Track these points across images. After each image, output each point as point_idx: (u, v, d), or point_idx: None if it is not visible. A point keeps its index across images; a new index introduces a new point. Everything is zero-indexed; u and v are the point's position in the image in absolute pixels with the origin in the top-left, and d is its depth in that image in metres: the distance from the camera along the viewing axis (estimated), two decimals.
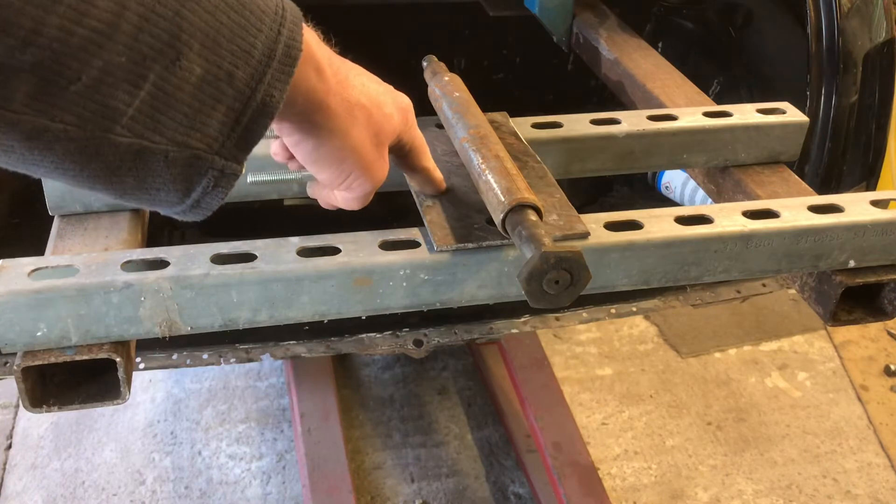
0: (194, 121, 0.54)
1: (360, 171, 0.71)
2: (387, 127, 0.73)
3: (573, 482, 1.84)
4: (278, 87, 0.57)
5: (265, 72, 0.56)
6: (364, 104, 0.70)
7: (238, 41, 0.55)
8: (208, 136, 0.55)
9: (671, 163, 1.13)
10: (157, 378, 2.27)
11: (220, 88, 0.54)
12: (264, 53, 0.56)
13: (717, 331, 2.53)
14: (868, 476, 2.09)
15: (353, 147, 0.69)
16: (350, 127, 0.68)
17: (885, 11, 1.40)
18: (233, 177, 0.58)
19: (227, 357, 1.25)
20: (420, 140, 0.81)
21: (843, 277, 0.93)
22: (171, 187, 0.56)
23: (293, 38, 0.58)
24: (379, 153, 0.73)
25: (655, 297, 1.39)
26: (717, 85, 1.75)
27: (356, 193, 0.74)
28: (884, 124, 1.43)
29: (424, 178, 0.86)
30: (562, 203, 0.88)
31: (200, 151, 0.56)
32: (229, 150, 0.57)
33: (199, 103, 0.54)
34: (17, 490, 1.95)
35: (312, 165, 0.71)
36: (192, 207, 0.59)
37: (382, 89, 0.74)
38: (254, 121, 0.57)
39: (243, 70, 0.55)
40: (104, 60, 0.49)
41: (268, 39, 0.56)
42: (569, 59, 2.04)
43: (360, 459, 2.04)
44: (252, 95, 0.56)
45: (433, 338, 1.30)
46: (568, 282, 0.71)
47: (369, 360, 2.32)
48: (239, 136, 0.57)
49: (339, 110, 0.67)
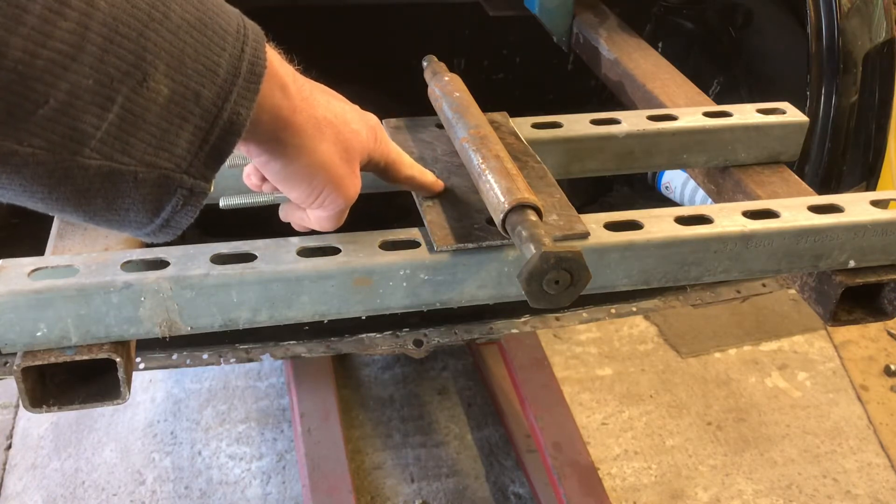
0: (163, 141, 0.54)
1: (331, 186, 0.70)
2: (355, 143, 0.72)
3: (573, 482, 1.84)
4: (244, 105, 0.58)
5: (231, 90, 0.56)
6: (331, 120, 0.69)
7: (203, 60, 0.55)
8: (177, 156, 0.56)
9: (671, 163, 1.13)
10: (157, 378, 2.27)
11: (187, 108, 0.55)
12: (229, 72, 0.56)
13: (717, 331, 2.53)
14: (868, 476, 2.09)
15: (323, 163, 0.69)
16: (318, 143, 0.68)
17: (885, 11, 1.40)
18: (202, 195, 0.58)
19: (227, 357, 1.25)
20: (395, 153, 0.81)
21: (843, 277, 0.93)
22: (140, 207, 0.56)
23: (257, 56, 0.58)
24: (350, 169, 0.72)
25: (655, 297, 1.39)
26: (717, 85, 1.75)
27: (329, 211, 0.73)
28: (884, 124, 1.43)
29: (415, 186, 0.86)
30: (562, 203, 0.88)
31: (169, 171, 0.56)
32: (198, 168, 0.57)
33: (168, 123, 0.54)
34: (17, 490, 1.95)
35: (283, 184, 0.70)
36: (162, 227, 0.59)
37: (348, 107, 0.74)
38: (221, 139, 0.57)
39: (209, 89, 0.55)
40: (71, 83, 0.49)
41: (231, 58, 0.56)
42: (569, 59, 2.04)
43: (360, 459, 2.04)
44: (219, 114, 0.56)
45: (433, 338, 1.30)
46: (568, 282, 0.71)
47: (369, 360, 2.32)
48: (207, 154, 0.57)
49: (306, 127, 0.66)
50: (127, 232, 0.59)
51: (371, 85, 2.01)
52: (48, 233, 0.92)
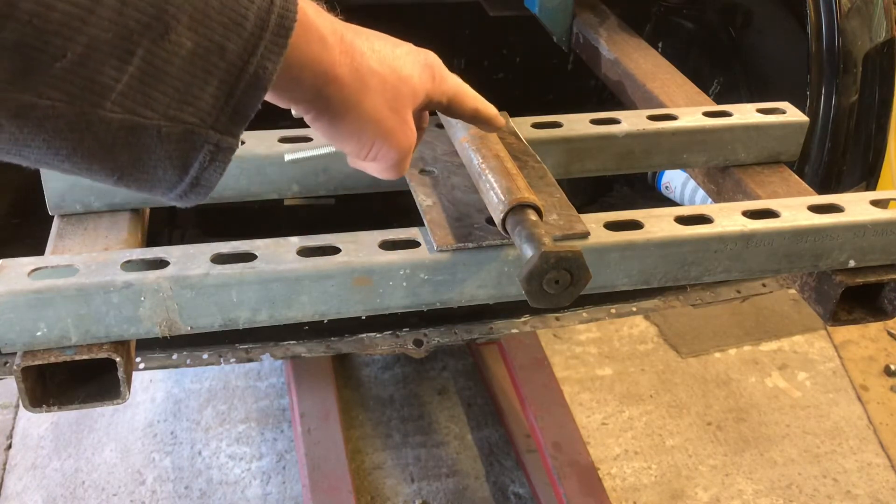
0: (186, 95, 0.54)
1: (381, 139, 0.69)
2: (405, 90, 0.70)
3: (573, 482, 1.84)
4: (272, 59, 0.56)
5: (258, 44, 0.55)
6: (376, 70, 0.67)
7: (228, 13, 0.53)
8: (201, 111, 0.55)
9: (671, 163, 1.13)
10: (157, 378, 2.27)
11: (211, 62, 0.54)
12: (256, 25, 0.55)
13: (717, 331, 2.53)
14: (868, 476, 2.09)
15: (370, 117, 0.67)
16: (363, 96, 0.66)
17: (885, 11, 1.40)
18: (229, 150, 0.57)
19: (227, 357, 1.25)
20: (458, 87, 0.78)
21: (843, 277, 0.93)
22: (167, 164, 0.56)
23: (287, 9, 0.56)
24: (400, 119, 0.70)
25: (655, 297, 1.39)
26: (717, 85, 1.75)
27: (384, 163, 0.71)
28: (884, 124, 1.43)
29: (479, 119, 0.82)
30: (562, 203, 0.88)
31: (194, 126, 0.55)
32: (223, 123, 0.56)
33: (191, 77, 0.53)
34: (17, 490, 1.95)
35: (333, 140, 0.70)
36: (192, 186, 0.58)
37: (400, 50, 0.71)
38: (247, 93, 0.56)
39: (235, 43, 0.54)
40: (89, 36, 0.48)
41: (260, 10, 0.55)
42: (569, 59, 2.04)
43: (360, 459, 2.04)
44: (244, 68, 0.55)
45: (433, 338, 1.30)
46: (568, 282, 0.71)
47: (369, 360, 2.32)
48: (233, 109, 0.56)
49: (350, 80, 0.65)
50: (158, 194, 0.58)
51: None
52: (48, 233, 0.92)
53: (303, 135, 1.00)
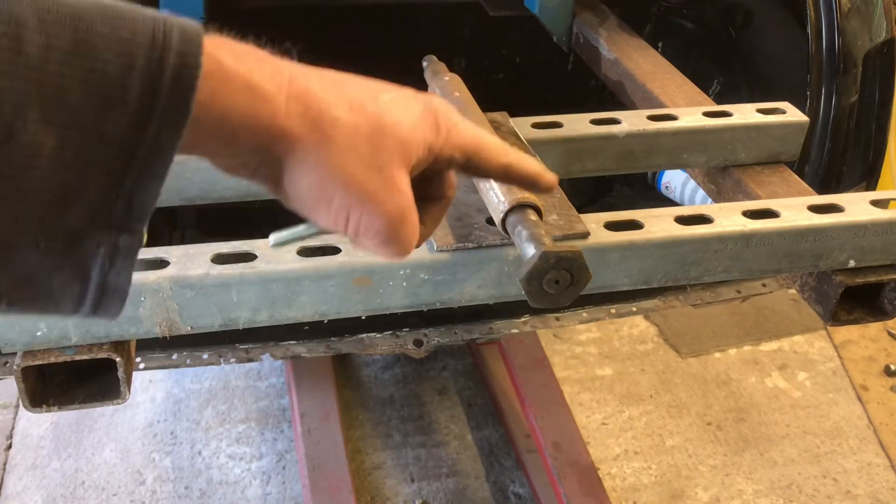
0: (63, 198, 0.44)
1: (357, 206, 0.54)
2: (389, 142, 0.55)
3: (573, 482, 1.84)
4: (170, 132, 0.46)
5: (149, 116, 0.45)
6: (343, 119, 0.54)
7: (99, 90, 0.44)
8: (87, 211, 0.45)
9: (671, 163, 1.13)
10: (157, 378, 2.27)
11: (88, 151, 0.44)
12: (144, 93, 0.44)
13: (717, 331, 2.53)
14: (868, 476, 2.09)
15: (337, 177, 0.53)
16: (326, 153, 0.53)
17: (886, 11, 1.40)
18: (131, 249, 0.48)
19: (227, 357, 1.25)
20: (477, 139, 0.62)
21: (843, 277, 0.93)
22: (59, 278, 0.47)
23: (184, 64, 0.45)
24: (384, 179, 0.55)
25: (655, 297, 1.39)
26: (718, 85, 1.75)
27: (371, 238, 0.56)
28: (884, 124, 1.43)
29: (517, 178, 0.65)
30: (562, 203, 0.88)
31: (82, 230, 0.46)
32: (118, 219, 0.47)
33: (65, 176, 0.44)
34: (17, 490, 1.95)
35: (300, 211, 0.57)
36: (101, 294, 0.48)
37: (386, 97, 0.57)
38: (142, 179, 0.46)
39: (116, 122, 0.44)
40: None
41: (146, 74, 0.44)
42: (569, 59, 2.04)
43: (360, 459, 2.04)
44: (134, 150, 0.45)
45: (433, 338, 1.30)
46: (568, 282, 0.71)
47: (369, 360, 2.32)
48: (127, 201, 0.46)
49: (303, 133, 0.52)
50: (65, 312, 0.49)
51: None
52: None
53: None
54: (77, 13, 0.43)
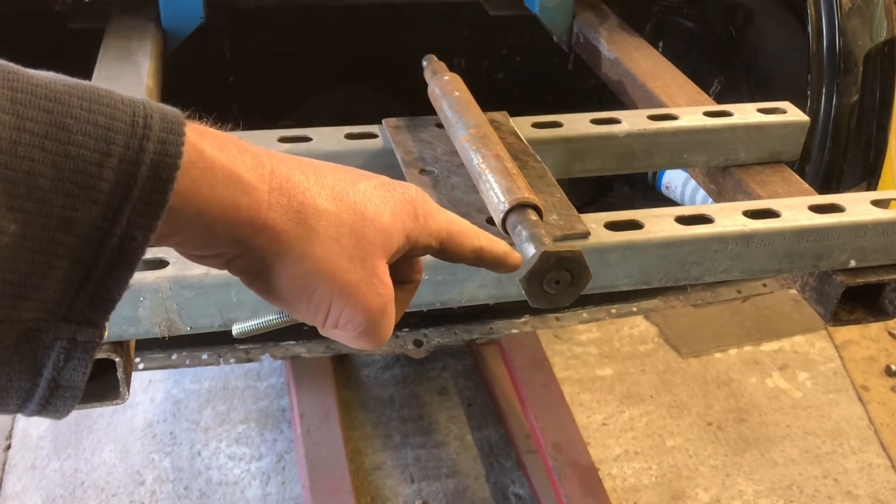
0: (21, 288, 0.41)
1: (340, 299, 0.53)
2: (371, 233, 0.54)
3: (573, 482, 1.84)
4: (143, 224, 0.43)
5: (122, 206, 0.42)
6: (326, 210, 0.52)
7: (70, 176, 0.41)
8: (47, 302, 0.43)
9: (671, 162, 1.13)
10: (157, 378, 2.26)
11: (53, 241, 0.41)
12: (118, 183, 0.42)
13: (718, 331, 2.52)
14: (869, 476, 2.09)
15: (320, 270, 0.52)
16: (308, 245, 0.51)
17: (886, 11, 1.40)
18: (90, 344, 0.45)
19: (226, 357, 1.25)
20: (450, 225, 0.61)
21: (843, 277, 0.93)
22: (9, 371, 0.43)
23: (165, 153, 0.43)
24: (366, 271, 0.54)
25: (656, 297, 1.39)
26: (718, 84, 1.74)
27: (351, 331, 0.55)
28: (885, 124, 1.43)
29: (485, 261, 0.64)
30: (562, 203, 0.88)
31: (38, 322, 0.43)
32: (79, 313, 0.44)
33: (26, 265, 0.41)
34: (17, 490, 1.95)
35: (279, 304, 0.55)
36: (52, 391, 0.45)
37: (365, 185, 0.56)
38: (110, 272, 0.44)
39: (86, 211, 0.42)
40: None
41: (122, 163, 0.42)
42: (569, 59, 2.04)
43: (359, 460, 2.04)
44: (104, 240, 0.43)
45: (433, 338, 1.30)
46: (568, 282, 0.71)
47: (369, 360, 2.32)
48: (92, 294, 0.44)
49: (285, 225, 0.50)
50: (8, 410, 0.45)
51: (371, 85, 2.01)
52: None
53: (302, 134, 1.00)
54: (53, 95, 0.41)
